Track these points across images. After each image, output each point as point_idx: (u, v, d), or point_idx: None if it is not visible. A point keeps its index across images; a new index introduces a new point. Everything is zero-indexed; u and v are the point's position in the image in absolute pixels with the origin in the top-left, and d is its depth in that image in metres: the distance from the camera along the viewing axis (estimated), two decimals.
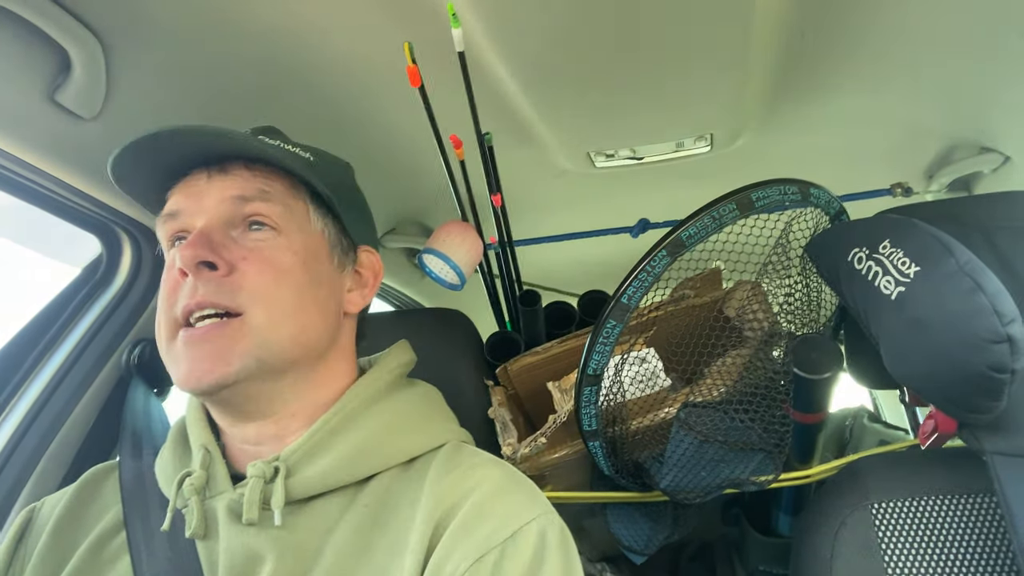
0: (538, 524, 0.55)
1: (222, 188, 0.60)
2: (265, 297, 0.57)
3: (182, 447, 0.65)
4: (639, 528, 1.00)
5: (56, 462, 0.82)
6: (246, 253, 0.58)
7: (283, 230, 0.60)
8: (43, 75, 0.68)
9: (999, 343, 0.56)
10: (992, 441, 0.61)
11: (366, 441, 0.61)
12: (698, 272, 0.78)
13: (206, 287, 0.56)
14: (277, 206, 0.61)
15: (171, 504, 0.58)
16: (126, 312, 0.92)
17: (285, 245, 0.60)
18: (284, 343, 0.58)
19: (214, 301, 0.56)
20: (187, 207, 0.60)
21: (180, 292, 0.57)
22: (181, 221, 0.60)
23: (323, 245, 0.64)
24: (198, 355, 0.56)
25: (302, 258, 0.61)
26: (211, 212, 0.59)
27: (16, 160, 0.72)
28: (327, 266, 0.64)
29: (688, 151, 1.11)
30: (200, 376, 0.55)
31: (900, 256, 0.64)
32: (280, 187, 0.62)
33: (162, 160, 0.60)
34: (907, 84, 0.98)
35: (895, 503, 0.69)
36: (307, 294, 0.60)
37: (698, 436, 0.77)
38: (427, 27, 0.73)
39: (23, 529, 0.64)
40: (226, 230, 0.59)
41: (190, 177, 0.62)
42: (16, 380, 0.83)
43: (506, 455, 0.87)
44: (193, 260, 0.56)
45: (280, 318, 0.58)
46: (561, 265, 1.59)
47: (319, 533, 0.56)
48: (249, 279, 0.57)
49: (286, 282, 0.59)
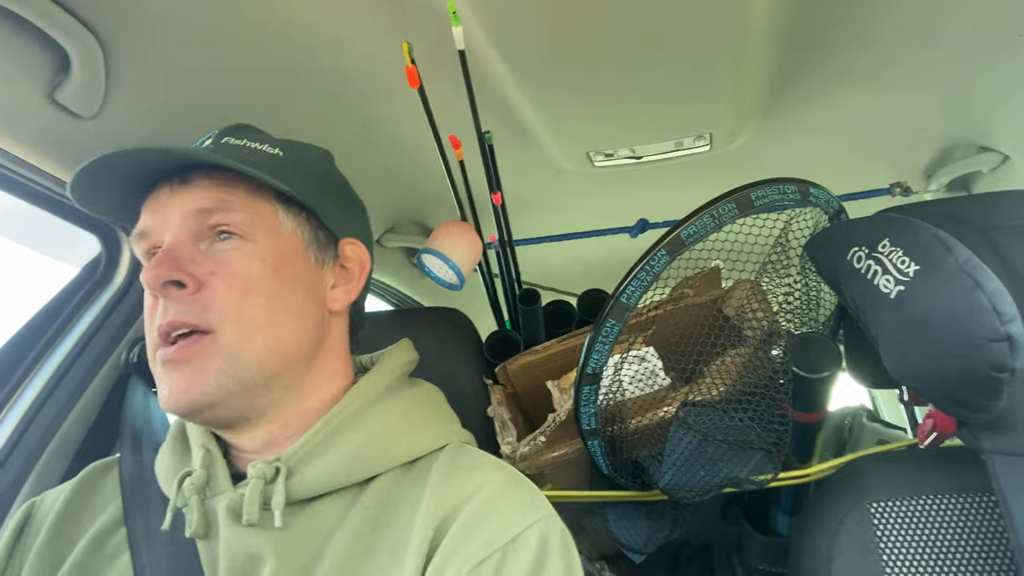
0: (540, 528, 0.55)
1: (183, 202, 0.59)
2: (235, 313, 0.56)
3: (182, 446, 0.64)
4: (638, 527, 1.00)
5: (56, 460, 0.82)
6: (214, 267, 0.57)
7: (250, 236, 0.59)
8: (42, 74, 0.68)
9: (998, 342, 0.56)
10: (991, 440, 0.61)
11: (367, 442, 0.60)
12: (697, 271, 0.78)
13: (176, 307, 0.56)
14: (240, 214, 0.59)
15: (171, 503, 0.58)
16: (125, 311, 0.92)
17: (253, 252, 0.59)
18: (261, 358, 0.57)
19: (184, 320, 0.55)
20: (153, 224, 0.59)
21: (155, 313, 0.57)
22: (151, 239, 0.60)
23: (296, 246, 0.63)
24: (175, 377, 0.55)
25: (272, 264, 0.59)
26: (176, 228, 0.58)
27: (15, 159, 0.72)
28: (303, 267, 0.63)
29: (687, 150, 1.11)
30: (177, 398, 0.55)
31: (899, 255, 0.64)
32: (243, 192, 0.60)
33: (124, 179, 0.60)
34: (906, 84, 0.98)
35: (894, 502, 0.70)
36: (280, 303, 0.59)
37: (697, 435, 0.77)
38: (427, 25, 0.73)
39: (22, 524, 0.64)
40: (194, 244, 0.58)
41: (155, 192, 0.60)
42: (16, 378, 0.83)
43: (505, 454, 0.87)
44: (156, 281, 0.55)
45: (252, 332, 0.57)
46: (560, 264, 1.59)
47: (320, 534, 0.56)
48: (218, 295, 0.56)
49: (256, 294, 0.58)
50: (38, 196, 0.80)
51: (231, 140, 0.64)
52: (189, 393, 0.55)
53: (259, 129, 0.69)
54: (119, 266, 0.93)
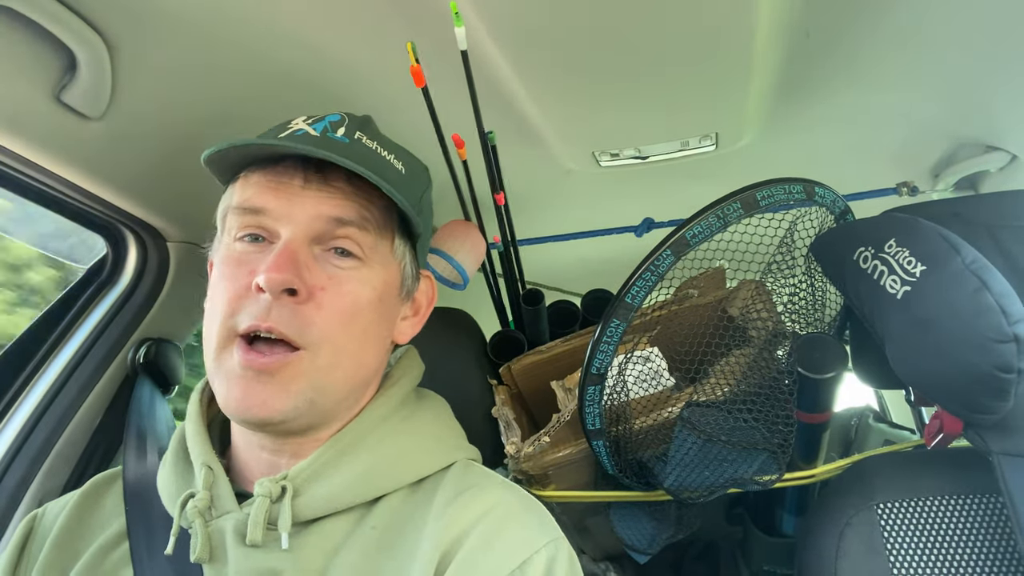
0: (547, 552, 0.54)
1: (318, 201, 0.55)
2: (333, 338, 0.55)
3: (184, 462, 0.63)
4: (643, 527, 1.00)
5: (62, 460, 0.83)
6: (325, 282, 0.55)
7: (368, 261, 0.57)
8: (49, 75, 0.69)
9: (1005, 343, 0.56)
10: (998, 441, 0.61)
11: (375, 462, 0.59)
12: (702, 271, 0.78)
13: (280, 313, 0.53)
14: (371, 236, 0.57)
15: (175, 526, 0.56)
16: (132, 311, 0.92)
17: (367, 278, 0.57)
18: (339, 384, 0.57)
19: (284, 333, 0.53)
20: (275, 208, 0.55)
21: (247, 304, 0.53)
22: (262, 220, 0.55)
23: (398, 278, 0.61)
24: (255, 388, 0.53)
25: (379, 294, 0.58)
26: (302, 225, 0.55)
27: (22, 160, 0.72)
28: (396, 299, 0.62)
29: (693, 150, 1.10)
30: (250, 409, 0.53)
31: (906, 255, 0.63)
32: (377, 212, 0.58)
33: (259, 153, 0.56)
34: (912, 83, 0.97)
35: (900, 503, 0.69)
36: (371, 333, 0.58)
37: (702, 436, 0.77)
38: (429, 26, 0.73)
39: (26, 537, 0.63)
40: (311, 248, 0.55)
41: (282, 172, 0.56)
42: (23, 378, 0.84)
43: (510, 454, 0.87)
44: (281, 286, 0.52)
45: (342, 359, 0.56)
46: (565, 264, 1.59)
47: (326, 554, 0.55)
48: (323, 315, 0.54)
49: (357, 322, 0.56)
50: (44, 196, 0.80)
51: (364, 139, 0.60)
52: (266, 409, 0.53)
53: (374, 123, 0.65)
54: (125, 266, 0.94)
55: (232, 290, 0.55)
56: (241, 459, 0.62)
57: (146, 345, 0.92)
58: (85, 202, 0.83)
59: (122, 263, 0.94)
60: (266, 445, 0.60)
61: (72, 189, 0.79)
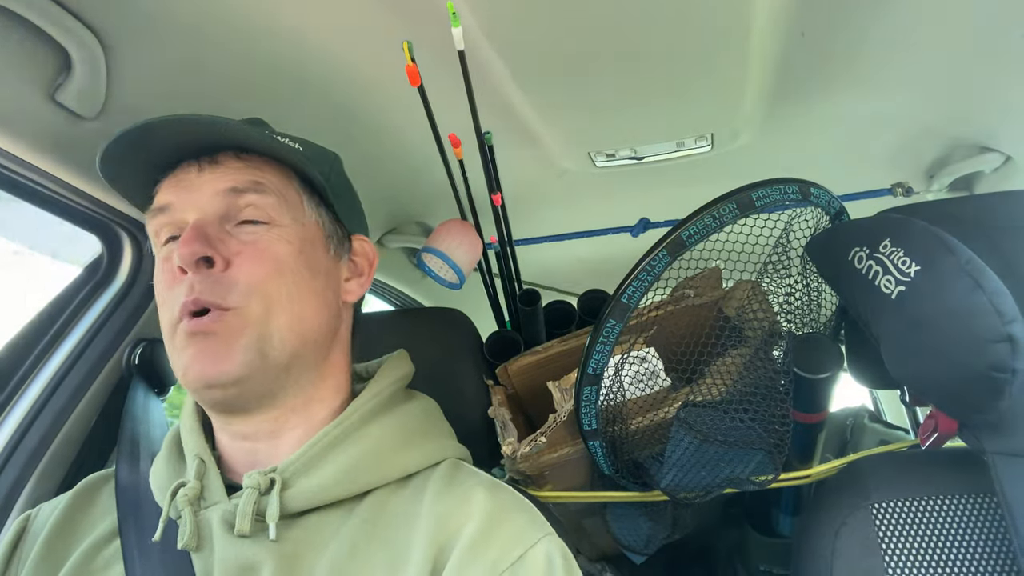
0: (544, 545, 0.55)
1: (214, 180, 0.59)
2: (261, 290, 0.57)
3: (176, 456, 0.64)
4: (639, 528, 1.00)
5: (57, 462, 0.82)
6: (240, 247, 0.57)
7: (277, 222, 0.60)
8: (44, 74, 0.68)
9: (1000, 342, 0.56)
10: (993, 441, 0.61)
11: (364, 456, 0.60)
12: (698, 272, 0.78)
13: (202, 284, 0.55)
14: (271, 197, 0.60)
15: (164, 514, 0.57)
16: (127, 312, 0.92)
17: (280, 235, 0.59)
18: (283, 333, 0.58)
19: (210, 300, 0.55)
20: (178, 201, 0.59)
21: (176, 289, 0.56)
22: (171, 215, 0.59)
23: (319, 235, 0.64)
24: (200, 349, 0.55)
25: (297, 247, 0.60)
26: (204, 206, 0.58)
27: (16, 160, 0.72)
28: (323, 255, 0.64)
29: (688, 151, 1.11)
30: (201, 371, 0.55)
31: (900, 255, 0.64)
32: (273, 177, 0.61)
33: (152, 153, 0.59)
34: (908, 84, 0.98)
35: (896, 503, 0.69)
36: (303, 284, 0.60)
37: (698, 436, 0.77)
38: (427, 26, 0.73)
39: (18, 536, 0.64)
40: (220, 224, 0.58)
41: (180, 170, 0.60)
42: (17, 380, 0.83)
43: (506, 454, 0.87)
44: (192, 257, 0.55)
45: (277, 309, 0.57)
46: (561, 264, 1.59)
47: (314, 547, 0.56)
48: (244, 273, 0.56)
49: (282, 273, 0.58)
50: (39, 196, 0.80)
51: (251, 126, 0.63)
52: (216, 367, 0.55)
53: (269, 124, 0.70)
54: (120, 266, 0.93)
55: (165, 283, 0.58)
56: (227, 453, 0.63)
57: (141, 346, 0.91)
58: (80, 202, 0.82)
59: (117, 263, 0.93)
60: (240, 431, 0.61)
61: (67, 189, 0.79)
